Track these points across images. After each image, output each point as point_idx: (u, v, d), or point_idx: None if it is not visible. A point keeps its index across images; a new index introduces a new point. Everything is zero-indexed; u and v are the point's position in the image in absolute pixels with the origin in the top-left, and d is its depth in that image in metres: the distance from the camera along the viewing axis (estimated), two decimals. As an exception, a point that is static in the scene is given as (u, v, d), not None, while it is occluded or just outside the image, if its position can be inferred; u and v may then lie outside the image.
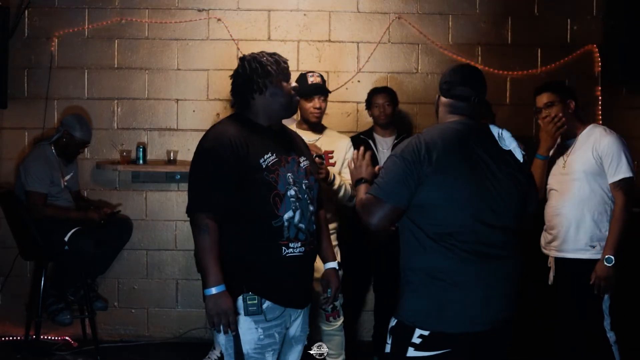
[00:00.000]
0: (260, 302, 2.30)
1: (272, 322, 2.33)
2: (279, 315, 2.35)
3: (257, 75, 2.38)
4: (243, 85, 2.42)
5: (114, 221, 4.27)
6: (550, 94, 3.26)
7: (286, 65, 2.44)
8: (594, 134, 3.19)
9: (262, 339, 2.32)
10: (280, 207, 2.31)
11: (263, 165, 2.31)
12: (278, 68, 2.40)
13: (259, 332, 2.31)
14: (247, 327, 2.30)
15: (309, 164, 2.49)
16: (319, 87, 3.48)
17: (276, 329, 2.35)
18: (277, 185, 2.31)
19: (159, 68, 4.52)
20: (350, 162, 2.46)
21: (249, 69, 2.40)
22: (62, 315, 4.14)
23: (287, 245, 2.32)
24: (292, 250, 2.33)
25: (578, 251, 3.16)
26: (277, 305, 2.34)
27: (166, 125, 4.53)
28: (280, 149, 2.41)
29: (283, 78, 2.42)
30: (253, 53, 2.45)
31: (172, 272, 4.52)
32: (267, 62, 2.39)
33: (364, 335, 4.47)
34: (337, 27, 4.54)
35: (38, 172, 4.04)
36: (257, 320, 2.31)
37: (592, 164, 3.13)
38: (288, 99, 2.43)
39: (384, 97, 4.04)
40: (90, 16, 4.48)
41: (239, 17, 4.52)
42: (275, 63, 2.41)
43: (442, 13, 4.54)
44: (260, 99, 2.40)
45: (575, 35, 4.55)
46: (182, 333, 4.58)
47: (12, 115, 4.47)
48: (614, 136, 3.15)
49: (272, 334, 2.34)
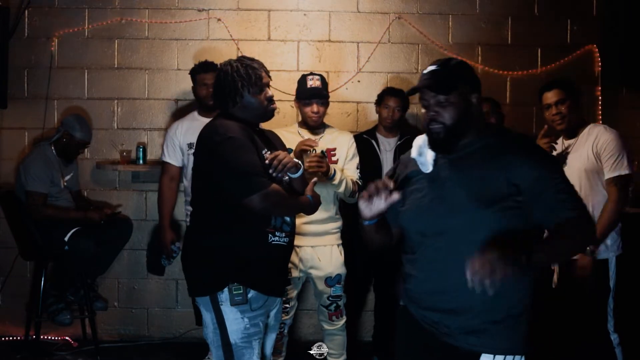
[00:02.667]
0: (246, 292, 2.37)
1: (257, 311, 2.40)
2: (263, 304, 2.43)
3: (230, 88, 2.48)
4: (218, 96, 2.55)
5: (114, 221, 4.27)
6: (561, 91, 3.26)
7: (259, 74, 2.50)
8: (594, 132, 3.20)
9: (248, 328, 2.38)
10: None
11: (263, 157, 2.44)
12: (249, 81, 2.48)
13: (245, 321, 2.38)
14: (234, 318, 2.37)
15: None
16: (317, 92, 3.46)
17: (260, 318, 2.43)
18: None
19: (159, 68, 4.52)
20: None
21: (223, 81, 2.51)
22: (62, 315, 4.14)
23: (273, 233, 2.42)
24: (277, 239, 2.43)
25: None
26: (261, 295, 2.41)
27: (166, 125, 4.53)
28: (268, 146, 2.54)
29: (255, 89, 2.49)
30: (228, 62, 2.53)
31: (172, 272, 4.52)
32: (238, 75, 2.48)
33: (364, 335, 4.47)
34: (337, 27, 4.54)
35: (38, 172, 4.03)
36: (243, 310, 2.37)
37: (592, 161, 3.13)
38: (261, 110, 2.54)
39: (395, 101, 4.00)
40: (90, 16, 4.48)
41: (239, 17, 4.52)
42: (245, 75, 2.48)
43: (442, 13, 4.54)
44: (239, 106, 2.51)
45: (575, 35, 4.55)
46: (182, 333, 4.57)
47: (12, 115, 4.47)
48: (614, 134, 3.16)
49: (257, 322, 2.41)
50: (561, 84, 3.31)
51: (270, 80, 2.59)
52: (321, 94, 3.48)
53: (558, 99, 3.24)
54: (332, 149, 3.56)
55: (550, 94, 3.28)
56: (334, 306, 3.59)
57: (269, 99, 2.54)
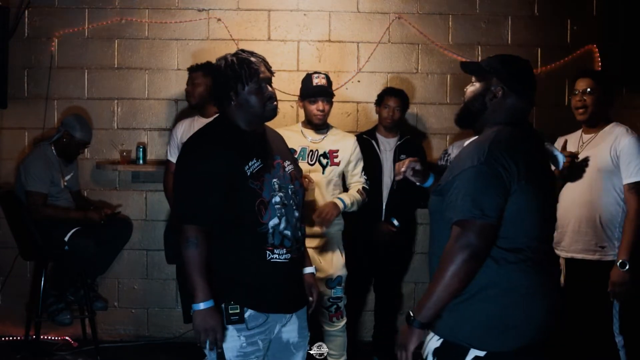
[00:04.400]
0: (242, 311, 2.25)
1: (255, 329, 2.29)
2: (262, 322, 2.30)
3: (223, 85, 2.30)
4: (216, 90, 2.35)
5: (114, 221, 4.27)
6: (592, 82, 3.19)
7: (255, 68, 2.29)
8: (615, 132, 3.12)
9: (244, 347, 2.28)
10: (265, 214, 2.25)
11: (248, 172, 2.24)
12: (243, 75, 2.28)
13: (241, 340, 2.27)
14: (230, 335, 2.27)
15: (293, 168, 2.43)
16: (323, 90, 3.47)
17: (259, 337, 2.30)
18: (261, 192, 2.25)
19: (159, 68, 4.52)
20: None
21: (217, 78, 2.33)
22: (62, 315, 4.14)
23: (272, 250, 2.27)
24: (277, 257, 2.28)
25: (587, 252, 3.12)
26: (260, 313, 2.29)
27: (166, 125, 4.53)
28: (265, 154, 2.33)
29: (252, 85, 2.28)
30: (224, 56, 2.34)
31: (172, 272, 4.51)
32: (231, 70, 2.28)
33: (364, 335, 4.47)
34: (337, 27, 4.54)
35: (38, 172, 4.03)
36: (239, 329, 2.26)
37: (608, 162, 3.07)
38: (258, 109, 2.31)
39: (395, 101, 4.00)
40: (90, 16, 4.48)
41: (239, 17, 4.52)
42: (239, 69, 2.28)
43: (442, 13, 4.54)
44: (234, 104, 2.31)
45: (575, 35, 4.54)
46: (182, 333, 4.57)
47: (12, 115, 4.47)
48: (636, 137, 3.08)
49: (255, 341, 2.29)
50: (595, 75, 3.26)
51: (270, 76, 2.36)
52: (327, 92, 3.50)
53: (586, 88, 3.17)
54: (335, 150, 3.56)
55: (582, 82, 3.21)
56: (334, 308, 3.59)
57: (268, 97, 2.31)
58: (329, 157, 3.53)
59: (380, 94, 4.10)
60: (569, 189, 3.18)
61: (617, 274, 3.00)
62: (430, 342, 2.01)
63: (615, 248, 3.08)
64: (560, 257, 3.25)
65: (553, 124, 3.98)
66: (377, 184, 3.92)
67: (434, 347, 1.99)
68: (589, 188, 3.10)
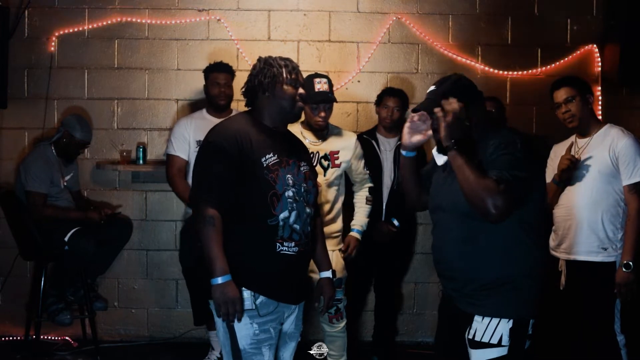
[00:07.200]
0: (254, 298, 2.34)
1: (267, 317, 2.37)
2: (273, 310, 2.39)
3: (263, 75, 2.45)
4: (250, 83, 2.50)
5: (114, 221, 4.27)
6: (570, 89, 3.21)
7: (294, 72, 2.47)
8: (611, 134, 3.13)
9: (257, 334, 2.36)
10: (277, 206, 2.36)
11: (264, 163, 2.36)
12: (286, 72, 2.45)
13: (254, 327, 2.35)
14: (243, 323, 2.34)
15: (308, 169, 2.53)
16: (325, 97, 3.40)
17: (271, 324, 2.39)
18: (275, 185, 2.36)
19: (159, 68, 4.53)
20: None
21: (258, 68, 2.48)
22: (62, 315, 4.14)
23: (281, 243, 2.37)
24: (286, 249, 2.38)
25: (590, 254, 3.12)
26: (271, 300, 2.38)
27: (166, 125, 4.53)
28: (282, 150, 2.45)
29: (289, 83, 2.45)
30: (269, 56, 2.52)
31: (172, 272, 4.52)
32: (275, 65, 2.46)
33: (364, 335, 4.47)
34: (337, 27, 4.54)
35: (38, 172, 4.03)
36: (252, 316, 2.34)
37: (607, 164, 3.07)
38: (290, 104, 2.47)
39: (395, 101, 4.00)
40: (90, 16, 4.48)
41: (239, 17, 4.52)
42: (284, 67, 2.46)
43: (442, 13, 4.54)
44: (264, 99, 2.47)
45: (575, 35, 4.54)
46: (182, 333, 4.57)
47: (12, 115, 4.47)
48: (632, 138, 3.09)
49: (267, 329, 2.37)
50: (570, 82, 3.25)
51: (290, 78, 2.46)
52: (329, 99, 3.42)
53: (567, 97, 3.19)
54: (336, 151, 3.52)
55: (559, 93, 3.23)
56: (335, 309, 3.58)
57: (302, 96, 2.48)
58: (330, 159, 3.51)
59: (379, 94, 4.10)
60: (569, 192, 3.19)
61: (622, 275, 3.03)
62: (499, 327, 2.19)
63: (618, 249, 3.09)
64: (561, 259, 3.25)
65: (553, 125, 3.96)
66: (378, 184, 3.92)
67: (508, 329, 2.19)
68: (589, 191, 3.11)
